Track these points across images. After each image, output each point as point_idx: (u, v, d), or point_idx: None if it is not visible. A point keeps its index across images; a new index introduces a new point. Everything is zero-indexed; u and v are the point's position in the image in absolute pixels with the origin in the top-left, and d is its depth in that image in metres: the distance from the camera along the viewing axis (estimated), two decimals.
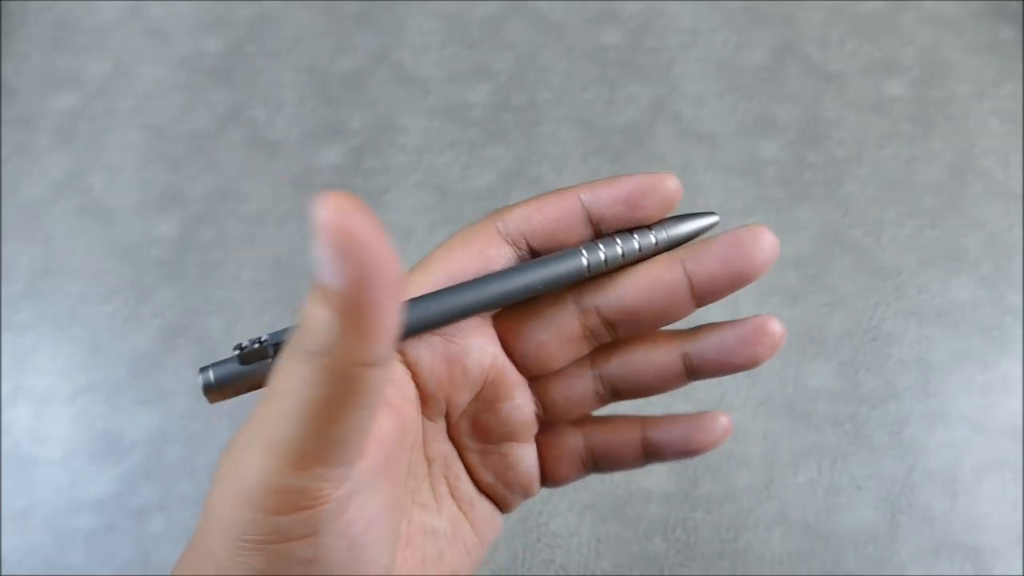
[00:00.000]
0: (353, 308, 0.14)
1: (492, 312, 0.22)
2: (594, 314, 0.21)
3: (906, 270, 0.67)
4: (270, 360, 0.18)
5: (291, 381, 0.15)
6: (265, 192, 0.75)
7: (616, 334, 0.21)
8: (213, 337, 0.67)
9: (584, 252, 0.20)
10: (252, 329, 0.68)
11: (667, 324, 0.21)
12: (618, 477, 0.59)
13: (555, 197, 0.21)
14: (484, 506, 0.23)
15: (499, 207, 0.21)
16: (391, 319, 0.15)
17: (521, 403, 0.22)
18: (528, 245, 0.21)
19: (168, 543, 0.59)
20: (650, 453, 0.23)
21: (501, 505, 0.24)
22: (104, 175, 0.77)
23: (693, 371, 0.21)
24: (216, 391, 0.18)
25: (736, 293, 0.66)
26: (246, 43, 0.86)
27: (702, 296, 0.20)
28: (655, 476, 0.59)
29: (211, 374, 0.18)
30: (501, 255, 0.21)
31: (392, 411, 0.20)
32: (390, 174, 0.75)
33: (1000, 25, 0.81)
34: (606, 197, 0.20)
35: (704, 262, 0.20)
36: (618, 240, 0.20)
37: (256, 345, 0.18)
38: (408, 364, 0.21)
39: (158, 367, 0.66)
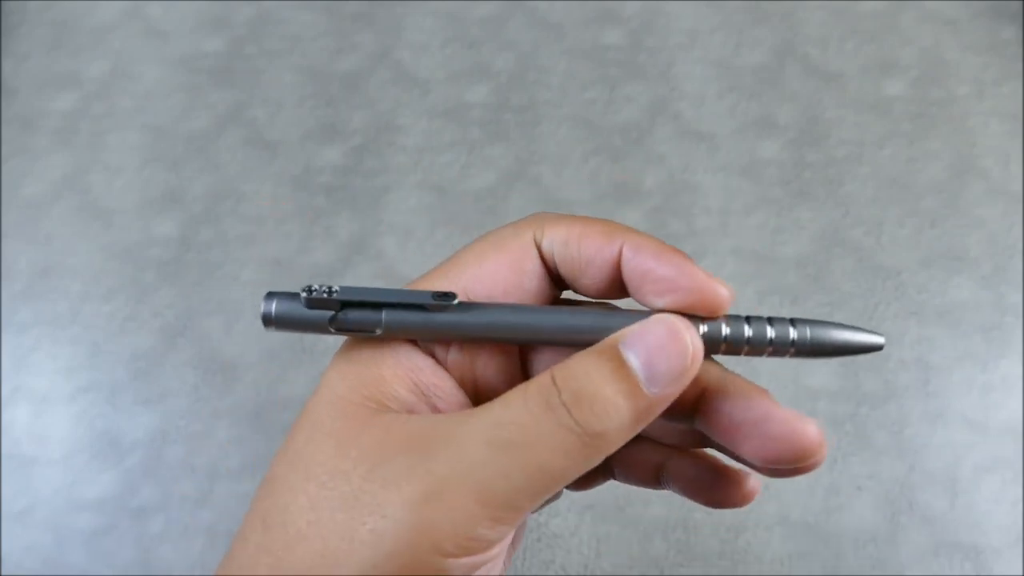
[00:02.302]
0: (653, 410, 0.16)
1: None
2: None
3: (906, 270, 0.67)
4: (333, 313, 0.18)
5: (546, 444, 0.15)
6: (265, 192, 0.75)
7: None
8: (213, 337, 0.67)
9: (725, 325, 0.18)
10: (253, 329, 0.68)
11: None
12: None
13: (599, 233, 0.18)
14: None
15: (540, 213, 0.19)
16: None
17: None
18: (554, 270, 0.19)
19: (168, 543, 0.59)
20: (664, 480, 0.21)
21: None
22: (104, 175, 0.77)
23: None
24: (274, 323, 0.18)
25: (736, 295, 0.66)
26: (246, 43, 0.86)
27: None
28: None
29: (273, 306, 0.18)
30: (536, 271, 0.19)
31: None
32: (390, 174, 0.75)
33: (1000, 25, 0.81)
34: (642, 271, 0.18)
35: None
36: (747, 325, 0.18)
37: (325, 295, 0.17)
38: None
39: (158, 367, 0.66)
